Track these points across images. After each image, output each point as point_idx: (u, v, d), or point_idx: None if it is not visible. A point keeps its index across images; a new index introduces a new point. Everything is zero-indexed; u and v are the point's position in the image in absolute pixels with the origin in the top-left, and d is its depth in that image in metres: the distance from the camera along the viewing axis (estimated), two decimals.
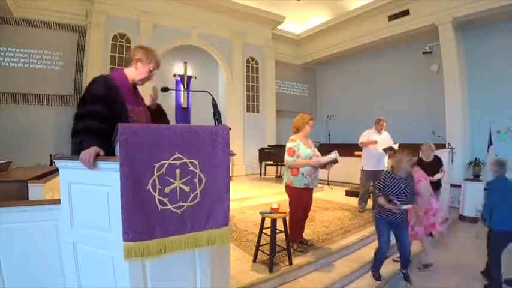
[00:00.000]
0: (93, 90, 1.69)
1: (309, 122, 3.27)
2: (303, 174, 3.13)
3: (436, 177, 3.96)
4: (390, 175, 2.90)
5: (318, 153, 3.29)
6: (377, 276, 3.03)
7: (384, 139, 4.93)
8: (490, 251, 3.00)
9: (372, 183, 4.82)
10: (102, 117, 1.63)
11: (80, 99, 1.70)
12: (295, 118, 3.37)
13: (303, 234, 3.43)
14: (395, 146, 4.79)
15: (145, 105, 2.01)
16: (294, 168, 3.15)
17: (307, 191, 3.23)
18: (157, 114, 2.09)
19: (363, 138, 4.97)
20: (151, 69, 1.88)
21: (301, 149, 3.17)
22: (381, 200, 2.90)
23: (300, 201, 3.20)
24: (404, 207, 2.82)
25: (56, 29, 6.88)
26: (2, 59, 6.32)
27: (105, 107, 1.66)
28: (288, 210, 3.20)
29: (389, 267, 3.24)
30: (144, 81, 1.93)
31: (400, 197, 2.84)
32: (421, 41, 7.77)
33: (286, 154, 3.20)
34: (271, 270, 2.71)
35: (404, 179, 2.87)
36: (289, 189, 3.22)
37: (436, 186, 4.22)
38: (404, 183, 2.86)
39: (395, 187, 2.85)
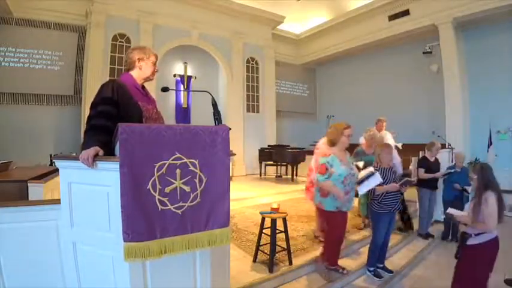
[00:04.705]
0: (102, 93, 1.74)
1: (344, 132, 2.77)
2: (333, 196, 2.70)
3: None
4: (380, 169, 3.03)
5: (355, 170, 2.89)
6: (378, 273, 3.03)
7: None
8: None
9: None
10: (110, 116, 1.66)
11: (91, 104, 1.75)
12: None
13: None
14: (399, 145, 4.82)
15: (155, 103, 2.05)
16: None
17: (341, 214, 2.80)
18: None
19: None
20: (154, 61, 1.96)
21: (335, 165, 2.70)
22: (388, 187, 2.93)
23: (335, 224, 2.79)
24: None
25: (56, 29, 6.88)
26: (2, 59, 6.32)
27: (113, 107, 1.70)
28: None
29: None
30: (153, 74, 1.99)
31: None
32: (421, 41, 7.78)
33: (318, 170, 2.78)
34: (271, 270, 2.70)
35: (390, 168, 3.10)
36: (321, 211, 2.97)
37: (434, 186, 4.25)
38: (392, 171, 3.10)
39: (390, 177, 3.02)
